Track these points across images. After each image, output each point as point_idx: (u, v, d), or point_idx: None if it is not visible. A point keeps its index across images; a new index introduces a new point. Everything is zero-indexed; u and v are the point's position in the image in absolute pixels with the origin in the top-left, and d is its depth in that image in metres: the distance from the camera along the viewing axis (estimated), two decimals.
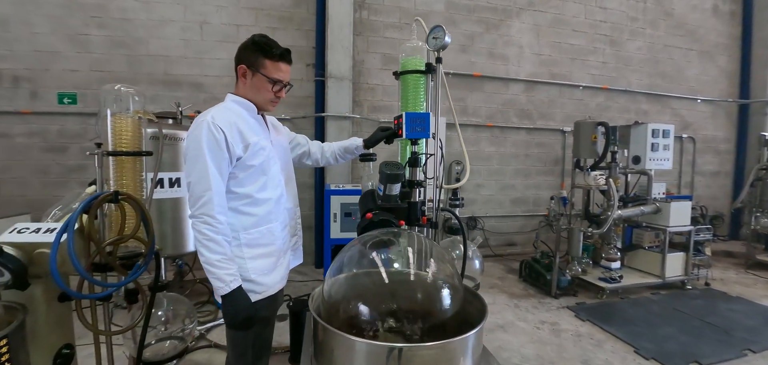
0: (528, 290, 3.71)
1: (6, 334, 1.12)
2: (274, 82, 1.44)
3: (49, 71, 3.98)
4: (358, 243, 1.28)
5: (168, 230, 2.72)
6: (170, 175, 2.69)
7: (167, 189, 2.70)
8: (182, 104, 4.22)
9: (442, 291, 1.21)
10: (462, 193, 4.89)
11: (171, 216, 2.73)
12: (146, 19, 4.11)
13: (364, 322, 1.08)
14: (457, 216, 1.75)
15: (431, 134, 1.67)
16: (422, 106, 1.98)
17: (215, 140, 1.29)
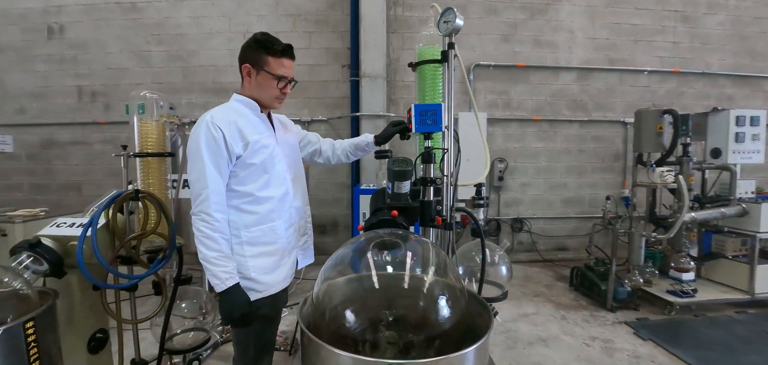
0: (579, 300, 3.33)
1: (33, 317, 1.22)
2: (279, 78, 1.42)
3: (118, 86, 4.47)
4: (352, 246, 1.20)
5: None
6: None
7: None
8: None
9: (437, 300, 1.08)
10: (505, 193, 4.58)
11: None
12: (197, 33, 4.44)
13: (351, 332, 0.99)
14: (474, 216, 1.59)
15: (443, 127, 1.53)
16: (441, 98, 1.84)
17: (213, 139, 1.30)
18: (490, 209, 4.58)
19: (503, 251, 1.86)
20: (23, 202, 4.38)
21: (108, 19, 4.36)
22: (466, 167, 4.55)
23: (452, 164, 1.57)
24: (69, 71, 4.43)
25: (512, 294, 3.47)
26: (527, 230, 4.61)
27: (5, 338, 1.16)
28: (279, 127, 1.61)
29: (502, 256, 1.84)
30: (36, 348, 1.24)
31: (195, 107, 4.37)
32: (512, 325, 2.86)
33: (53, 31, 4.36)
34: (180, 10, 4.39)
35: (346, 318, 1.01)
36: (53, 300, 1.36)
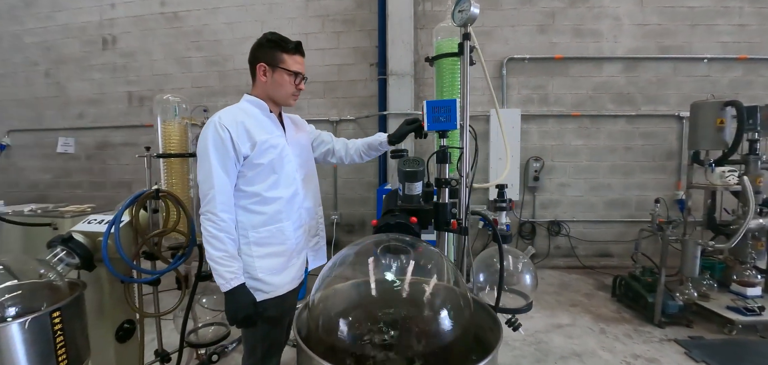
0: (622, 312, 3.03)
1: (59, 307, 1.30)
2: (294, 74, 1.44)
3: (163, 90, 4.75)
4: (353, 250, 1.15)
5: None
6: None
7: None
8: None
9: (438, 314, 1.00)
10: (541, 194, 4.31)
11: None
12: (232, 38, 4.63)
13: (345, 345, 0.94)
14: (489, 220, 1.47)
15: (458, 125, 1.43)
16: (459, 94, 1.74)
17: (221, 140, 1.31)
18: (525, 210, 4.33)
19: (528, 259, 1.71)
20: (83, 198, 4.83)
21: (154, 29, 4.67)
22: (498, 166, 4.34)
23: (468, 164, 1.46)
24: (120, 79, 4.80)
25: (546, 302, 3.26)
26: (565, 234, 4.31)
27: (34, 326, 1.25)
28: (290, 126, 1.60)
29: (526, 264, 1.70)
30: (62, 336, 1.32)
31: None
32: (544, 336, 2.66)
33: (107, 42, 4.75)
34: (217, 18, 4.60)
35: (340, 330, 0.96)
36: (80, 292, 1.45)
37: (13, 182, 5.07)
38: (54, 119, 4.94)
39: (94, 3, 4.69)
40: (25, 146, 5.05)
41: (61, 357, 1.31)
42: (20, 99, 4.97)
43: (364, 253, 1.13)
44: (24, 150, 5.07)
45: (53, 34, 4.81)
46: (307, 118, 4.94)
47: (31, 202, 3.48)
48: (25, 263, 1.51)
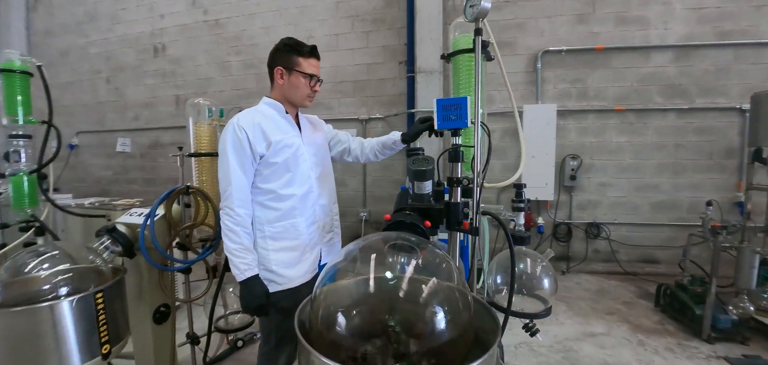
0: (665, 324, 2.79)
1: (101, 289, 1.46)
2: (310, 76, 1.49)
3: (206, 93, 5.11)
4: (358, 246, 1.16)
5: None
6: None
7: None
8: None
9: (434, 315, 0.98)
10: (579, 194, 4.07)
11: None
12: (268, 41, 4.84)
13: (343, 341, 0.96)
14: (500, 220, 1.43)
15: (469, 122, 1.40)
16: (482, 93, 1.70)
17: (238, 140, 1.39)
18: (560, 211, 4.12)
19: (547, 262, 1.64)
20: (138, 193, 5.32)
21: (197, 37, 5.02)
22: (532, 164, 4.17)
23: (480, 162, 1.42)
24: (169, 83, 5.21)
25: (579, 309, 3.08)
26: (605, 237, 4.04)
27: (80, 305, 1.40)
28: (307, 127, 1.65)
29: (545, 267, 1.62)
30: (104, 315, 1.47)
31: None
32: (573, 344, 2.53)
33: (158, 50, 5.17)
34: (253, 23, 4.84)
35: (338, 325, 0.98)
36: (121, 276, 1.61)
37: (80, 177, 5.69)
38: (114, 122, 5.47)
39: (147, 15, 5.12)
40: (90, 146, 5.65)
41: (102, 333, 1.46)
42: (86, 104, 5.56)
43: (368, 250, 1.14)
44: (89, 149, 5.67)
45: (113, 45, 5.32)
46: (337, 117, 5.06)
47: (95, 196, 3.90)
48: (78, 250, 1.71)
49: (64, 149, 5.61)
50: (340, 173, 4.61)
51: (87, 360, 1.43)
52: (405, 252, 1.15)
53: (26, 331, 1.34)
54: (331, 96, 4.69)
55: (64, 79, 5.55)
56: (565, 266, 4.10)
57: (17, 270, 1.44)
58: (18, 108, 2.23)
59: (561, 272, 4.05)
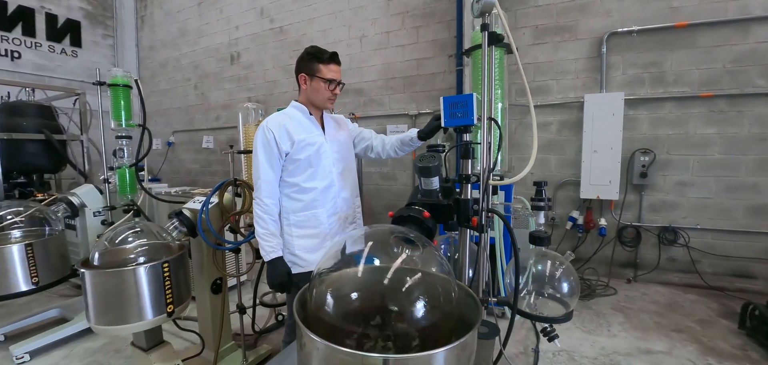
0: (748, 350, 2.37)
1: (167, 261, 1.79)
2: (328, 81, 1.63)
3: (272, 95, 5.65)
4: (352, 238, 1.26)
5: None
6: None
7: None
8: (349, 108, 5.08)
9: (416, 298, 1.04)
10: (651, 193, 3.62)
11: None
12: (325, 43, 5.13)
13: (333, 320, 1.06)
14: (504, 217, 1.41)
15: (475, 119, 1.40)
16: (497, 88, 1.68)
17: (266, 140, 1.60)
18: (627, 212, 3.70)
19: (568, 263, 1.54)
20: None
21: (265, 44, 5.55)
22: (593, 160, 3.84)
23: (487, 159, 1.41)
24: (243, 87, 5.86)
25: (638, 322, 2.78)
26: (683, 244, 3.52)
27: (151, 271, 1.75)
28: (331, 126, 1.80)
29: (566, 270, 1.53)
30: (169, 281, 1.80)
31: None
32: (622, 360, 2.30)
33: (234, 58, 5.85)
34: (312, 27, 5.20)
35: (328, 307, 1.07)
36: (183, 252, 1.94)
37: (176, 169, 6.73)
38: (200, 122, 6.35)
39: (225, 27, 5.83)
40: (183, 143, 6.64)
41: (168, 295, 1.80)
42: (179, 107, 6.54)
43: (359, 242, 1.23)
44: (182, 146, 6.67)
45: (199, 56, 6.17)
46: (388, 113, 5.18)
47: (185, 185, 4.61)
48: (156, 229, 2.10)
49: (163, 145, 6.69)
50: (390, 168, 4.74)
51: (157, 315, 1.78)
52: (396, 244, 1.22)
53: (115, 288, 1.72)
54: (383, 93, 4.84)
55: (163, 87, 6.60)
56: (631, 273, 3.68)
57: (111, 242, 1.84)
58: (121, 114, 2.77)
59: (626, 280, 3.64)
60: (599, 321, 2.81)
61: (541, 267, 1.57)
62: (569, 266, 1.56)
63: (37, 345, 2.55)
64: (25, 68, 5.52)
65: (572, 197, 3.87)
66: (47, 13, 5.71)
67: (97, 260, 1.77)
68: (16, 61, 5.43)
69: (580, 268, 3.80)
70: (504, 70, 1.88)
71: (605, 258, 3.75)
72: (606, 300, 3.21)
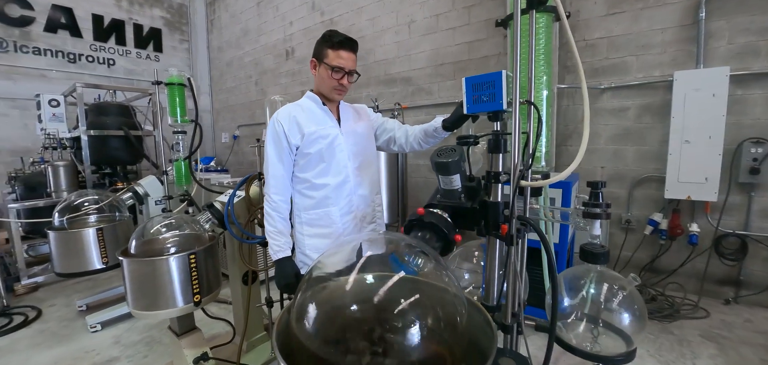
0: None
1: (193, 252, 1.84)
2: (333, 69, 1.49)
3: None
4: (349, 247, 1.09)
5: None
6: None
7: None
8: (396, 97, 4.94)
9: (415, 321, 0.85)
10: (764, 194, 2.86)
11: None
12: (372, 32, 5.05)
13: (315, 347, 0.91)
14: (536, 226, 1.13)
15: (505, 103, 1.14)
16: (541, 65, 1.39)
17: (276, 133, 1.51)
18: (729, 217, 2.98)
19: (632, 288, 1.21)
20: None
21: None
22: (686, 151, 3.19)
23: (518, 153, 1.14)
24: (297, 81, 6.03)
25: (737, 355, 2.20)
26: None
27: (180, 262, 1.80)
28: (349, 117, 1.65)
29: (628, 296, 1.20)
30: (195, 271, 1.85)
31: (368, 99, 5.03)
32: None
33: (288, 53, 6.04)
34: (361, 17, 5.11)
35: (309, 335, 0.92)
36: (212, 243, 1.99)
37: (240, 161, 7.24)
38: (260, 116, 6.71)
39: (280, 24, 6.03)
40: (245, 137, 7.10)
41: (194, 284, 1.85)
42: (242, 103, 6.99)
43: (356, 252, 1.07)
44: (245, 139, 7.13)
45: (258, 53, 6.49)
46: (437, 102, 4.94)
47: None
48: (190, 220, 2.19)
49: (230, 139, 7.22)
50: None
51: (185, 303, 1.84)
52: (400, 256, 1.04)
53: (148, 275, 1.80)
54: (432, 80, 4.58)
55: (229, 85, 7.11)
56: (730, 293, 2.97)
57: (145, 232, 1.95)
58: (176, 110, 2.96)
59: (723, 301, 2.94)
60: (682, 350, 2.29)
61: (595, 291, 1.26)
62: (634, 292, 1.22)
63: (106, 317, 2.89)
64: (119, 73, 6.35)
65: (653, 196, 3.23)
66: (135, 23, 6.48)
67: (133, 249, 1.88)
68: (111, 67, 6.27)
69: (661, 282, 3.18)
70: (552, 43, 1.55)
71: (695, 272, 3.07)
72: (694, 323, 2.61)
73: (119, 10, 6.34)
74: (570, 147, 3.56)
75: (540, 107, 1.22)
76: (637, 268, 3.33)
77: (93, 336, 2.76)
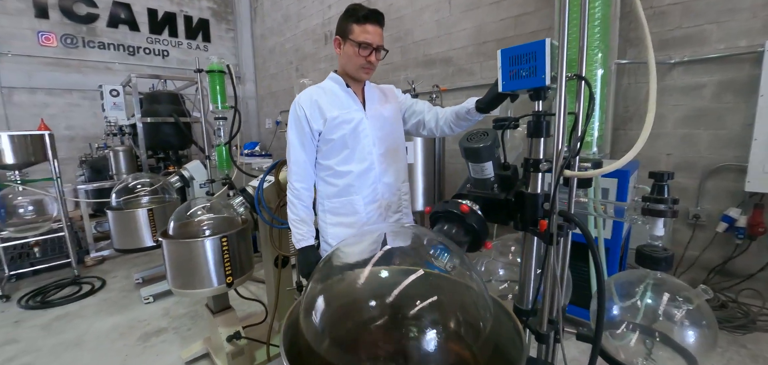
0: None
1: (225, 235, 1.88)
2: (360, 45, 1.38)
3: None
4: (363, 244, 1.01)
5: None
6: None
7: None
8: (435, 79, 4.76)
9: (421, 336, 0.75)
10: None
11: None
12: (411, 12, 4.85)
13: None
14: (583, 226, 0.97)
15: (548, 79, 0.97)
16: (596, 36, 1.22)
17: (297, 118, 1.47)
18: None
19: (701, 301, 1.00)
20: None
21: None
22: None
23: (562, 137, 0.98)
24: (335, 65, 5.99)
25: None
26: None
27: (213, 244, 1.85)
28: (374, 99, 1.56)
29: (696, 309, 1.00)
30: (227, 253, 1.89)
31: (405, 82, 4.88)
32: None
33: (327, 37, 6.03)
34: None
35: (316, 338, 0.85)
36: (244, 227, 2.02)
37: (282, 146, 7.44)
38: None
39: (319, 8, 6.02)
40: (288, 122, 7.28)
41: (227, 266, 1.90)
42: (284, 88, 7.15)
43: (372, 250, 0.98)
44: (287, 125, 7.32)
45: (298, 39, 6.56)
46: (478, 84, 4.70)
47: None
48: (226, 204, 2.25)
49: (273, 124, 7.46)
50: None
51: (219, 283, 1.90)
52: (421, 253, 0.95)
53: (186, 256, 1.88)
54: (473, 60, 4.32)
55: (272, 71, 7.29)
56: None
57: (183, 215, 2.02)
58: (217, 97, 3.05)
59: None
60: None
61: (652, 301, 1.07)
62: (703, 306, 1.02)
63: (158, 291, 3.12)
64: (172, 64, 6.77)
65: (730, 188, 2.79)
66: (185, 15, 6.83)
67: (172, 231, 1.97)
68: (165, 58, 6.70)
69: (734, 287, 2.76)
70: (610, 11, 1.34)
71: None
72: None
73: (171, 4, 6.72)
74: (629, 132, 3.17)
75: (593, 85, 1.04)
76: (704, 270, 2.92)
77: (146, 307, 3.00)
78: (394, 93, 1.65)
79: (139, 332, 2.64)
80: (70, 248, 3.52)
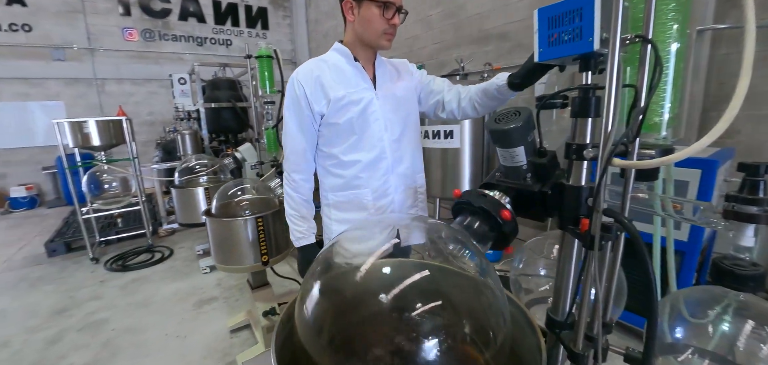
0: None
1: (260, 216, 1.94)
2: (385, 5, 1.15)
3: (412, 52, 5.48)
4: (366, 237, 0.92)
5: (439, 176, 3.20)
6: (432, 128, 3.08)
7: (432, 140, 3.14)
8: (489, 56, 4.45)
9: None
10: None
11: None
12: None
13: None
14: (631, 228, 0.77)
15: (597, 42, 0.78)
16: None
17: (296, 97, 1.23)
18: None
19: None
20: None
21: None
22: None
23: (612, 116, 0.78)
24: None
25: None
26: None
27: (250, 224, 1.92)
28: (386, 75, 1.34)
29: None
30: (263, 233, 1.95)
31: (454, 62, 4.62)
32: None
33: None
34: None
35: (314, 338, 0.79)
36: (279, 208, 2.06)
37: None
38: None
39: None
40: None
41: (262, 245, 1.96)
42: None
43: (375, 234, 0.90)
44: None
45: None
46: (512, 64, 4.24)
47: None
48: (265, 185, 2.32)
49: None
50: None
51: (256, 262, 1.98)
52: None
53: (226, 234, 1.98)
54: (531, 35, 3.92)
55: None
56: None
57: (225, 195, 2.13)
58: (266, 82, 3.16)
59: None
60: None
61: (730, 327, 0.83)
62: None
63: (213, 263, 3.38)
64: (234, 52, 7.22)
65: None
66: (245, 5, 7.21)
67: (214, 210, 2.08)
68: (229, 47, 7.17)
69: None
70: None
71: None
72: None
73: None
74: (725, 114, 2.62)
75: (664, 57, 0.82)
76: None
77: (203, 277, 3.28)
78: (408, 68, 1.43)
79: (195, 298, 2.90)
80: (146, 221, 3.97)
